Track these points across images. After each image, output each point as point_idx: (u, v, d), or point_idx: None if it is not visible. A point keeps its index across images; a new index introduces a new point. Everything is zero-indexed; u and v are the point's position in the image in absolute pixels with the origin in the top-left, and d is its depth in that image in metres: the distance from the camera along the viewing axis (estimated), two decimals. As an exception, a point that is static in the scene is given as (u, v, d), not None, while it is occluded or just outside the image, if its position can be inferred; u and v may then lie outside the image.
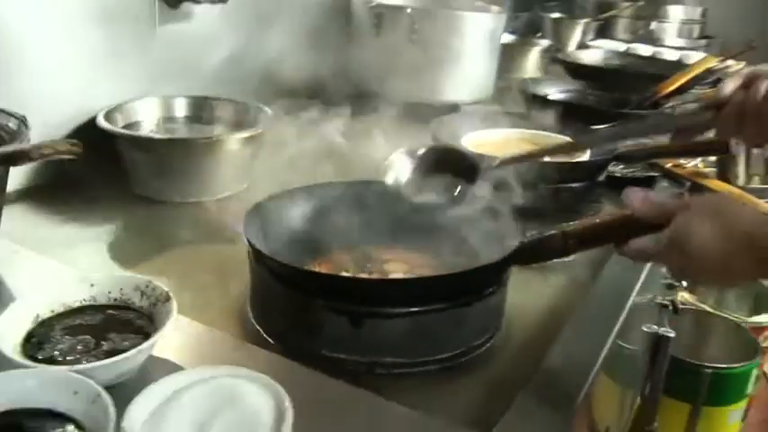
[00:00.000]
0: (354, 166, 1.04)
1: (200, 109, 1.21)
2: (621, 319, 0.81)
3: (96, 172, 1.09)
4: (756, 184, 1.33)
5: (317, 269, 0.81)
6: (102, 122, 1.06)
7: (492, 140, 1.28)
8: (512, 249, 0.74)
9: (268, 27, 1.46)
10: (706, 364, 1.39)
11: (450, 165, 0.95)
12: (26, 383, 0.51)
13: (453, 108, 1.61)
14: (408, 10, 1.52)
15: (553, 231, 0.73)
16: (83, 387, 0.50)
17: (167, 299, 0.61)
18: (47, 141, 0.55)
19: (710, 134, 1.00)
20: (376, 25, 1.56)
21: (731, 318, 1.56)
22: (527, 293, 0.89)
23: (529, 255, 0.75)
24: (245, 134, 1.09)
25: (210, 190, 1.09)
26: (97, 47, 1.12)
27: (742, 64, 2.28)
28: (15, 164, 0.55)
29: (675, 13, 2.98)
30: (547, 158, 1.13)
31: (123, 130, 1.08)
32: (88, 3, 1.10)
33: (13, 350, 0.55)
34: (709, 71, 1.96)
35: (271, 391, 0.50)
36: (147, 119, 1.17)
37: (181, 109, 1.21)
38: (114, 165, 1.09)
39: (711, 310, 1.59)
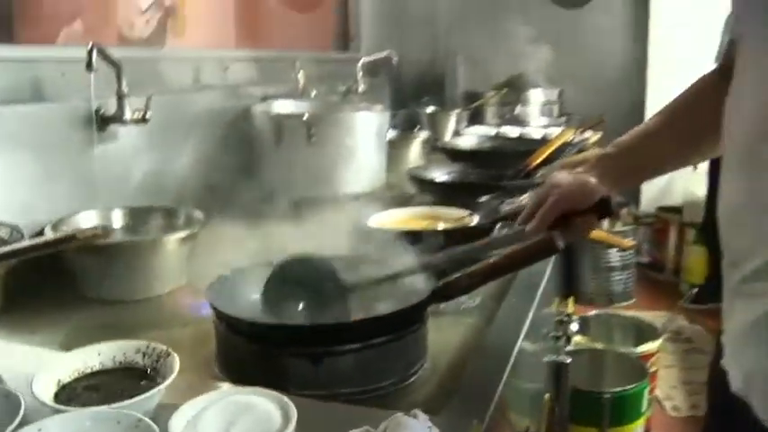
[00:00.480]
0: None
1: (136, 217, 1.38)
2: (516, 349, 1.03)
3: (48, 282, 1.24)
4: (619, 227, 1.61)
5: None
6: (50, 235, 1.21)
7: (396, 218, 1.51)
8: (430, 291, 0.95)
9: (183, 141, 1.66)
10: (605, 390, 1.62)
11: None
12: (73, 423, 0.66)
13: (353, 198, 1.83)
14: (305, 116, 1.75)
15: (459, 274, 0.96)
16: (124, 417, 0.66)
17: (168, 354, 0.78)
18: (87, 227, 0.72)
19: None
20: (276, 132, 1.78)
21: (620, 351, 1.82)
22: (444, 333, 1.09)
23: (444, 294, 0.97)
24: (182, 234, 1.26)
25: (156, 287, 1.25)
26: (37, 170, 1.28)
27: (599, 134, 2.67)
28: (66, 246, 0.71)
29: (536, 96, 3.39)
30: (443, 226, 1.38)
31: (73, 242, 1.23)
32: (27, 132, 1.27)
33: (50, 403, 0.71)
34: (569, 143, 2.29)
35: (275, 399, 0.68)
36: (90, 230, 1.33)
37: (118, 219, 1.37)
38: (62, 273, 1.24)
39: (603, 347, 1.85)
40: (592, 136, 2.67)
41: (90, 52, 1.26)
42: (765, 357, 0.85)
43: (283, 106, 1.98)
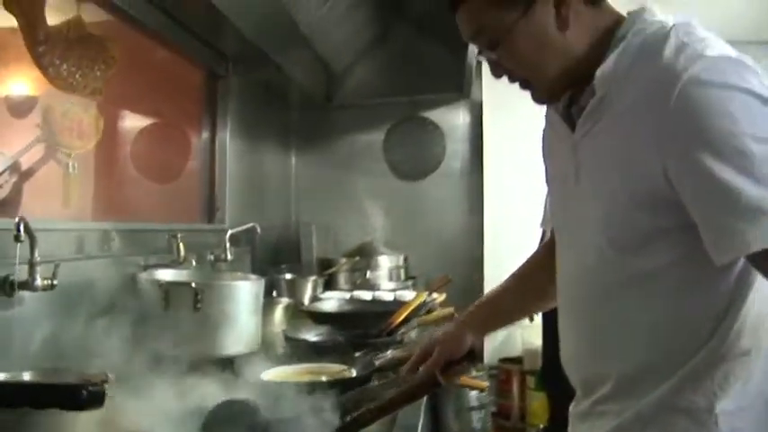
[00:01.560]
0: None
1: (47, 378, 1.52)
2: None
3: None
4: (474, 373, 1.93)
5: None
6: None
7: (284, 373, 1.74)
8: (343, 424, 1.20)
9: (79, 307, 1.82)
10: None
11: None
12: None
13: (237, 358, 2.04)
14: (192, 284, 1.97)
15: (363, 410, 1.22)
16: None
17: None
18: (94, 373, 0.91)
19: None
20: (164, 299, 1.98)
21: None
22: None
23: (354, 426, 1.22)
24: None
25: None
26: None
27: (443, 295, 3.04)
28: (93, 386, 0.89)
29: (384, 262, 3.75)
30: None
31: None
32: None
33: None
34: (423, 303, 2.64)
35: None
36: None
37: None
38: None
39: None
40: (438, 296, 3.04)
41: (18, 225, 1.46)
42: None
43: (165, 274, 2.18)
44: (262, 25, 2.72)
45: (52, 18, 2.00)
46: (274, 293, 3.15)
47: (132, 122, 2.66)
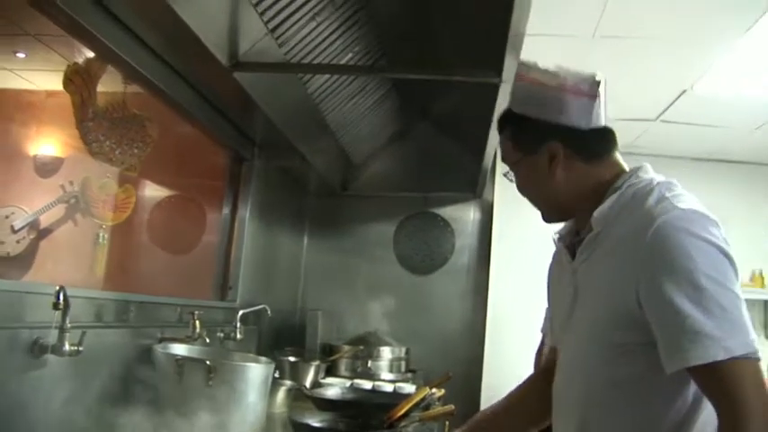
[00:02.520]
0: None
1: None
2: None
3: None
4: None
5: None
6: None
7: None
8: None
9: (97, 373, 1.90)
10: None
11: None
12: None
13: (241, 438, 2.09)
14: (208, 362, 2.05)
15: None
16: None
17: None
18: None
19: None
20: (178, 373, 2.05)
21: None
22: None
23: None
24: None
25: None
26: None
27: (443, 391, 3.09)
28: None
29: (386, 353, 3.81)
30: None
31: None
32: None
33: None
34: (423, 398, 2.70)
35: None
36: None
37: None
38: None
39: None
40: (438, 392, 3.10)
41: (58, 293, 1.55)
42: None
43: (179, 349, 2.26)
44: (290, 115, 2.87)
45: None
46: (277, 374, 3.19)
47: (159, 197, 2.78)
